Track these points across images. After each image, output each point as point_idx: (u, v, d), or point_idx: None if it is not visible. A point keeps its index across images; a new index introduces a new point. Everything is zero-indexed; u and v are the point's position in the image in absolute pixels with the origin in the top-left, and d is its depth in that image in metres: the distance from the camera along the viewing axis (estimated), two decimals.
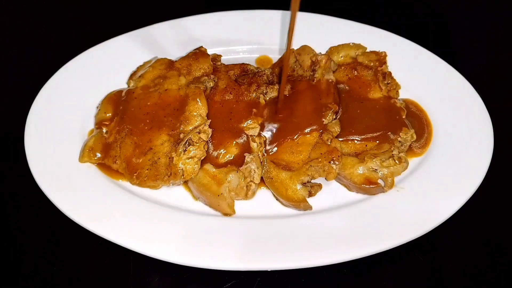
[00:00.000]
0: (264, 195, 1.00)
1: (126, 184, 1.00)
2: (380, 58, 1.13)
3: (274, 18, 1.29)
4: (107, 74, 1.18)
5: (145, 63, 1.18)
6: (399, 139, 1.00)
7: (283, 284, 0.90)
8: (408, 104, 1.12)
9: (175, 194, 1.00)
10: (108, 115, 1.07)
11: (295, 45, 1.19)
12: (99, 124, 1.06)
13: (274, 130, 1.03)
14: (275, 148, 1.01)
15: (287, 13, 1.31)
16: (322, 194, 0.99)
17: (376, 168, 0.98)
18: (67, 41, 1.47)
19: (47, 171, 0.98)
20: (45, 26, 1.51)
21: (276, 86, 1.06)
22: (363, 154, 0.99)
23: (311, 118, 1.02)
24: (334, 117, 1.03)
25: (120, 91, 1.11)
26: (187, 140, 0.96)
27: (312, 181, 0.97)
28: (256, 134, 1.00)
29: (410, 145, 1.03)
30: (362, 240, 0.88)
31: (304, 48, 1.16)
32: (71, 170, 1.00)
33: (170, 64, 1.10)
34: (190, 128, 0.98)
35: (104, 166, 1.01)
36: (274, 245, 0.88)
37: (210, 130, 0.98)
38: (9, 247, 0.97)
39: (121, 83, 1.18)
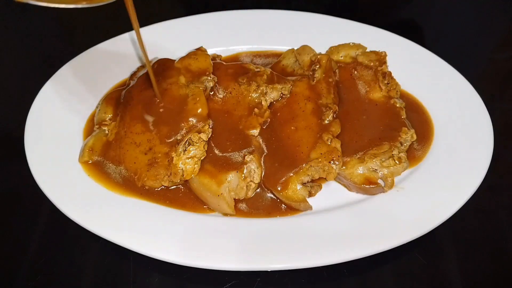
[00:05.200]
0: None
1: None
2: (380, 58, 1.13)
3: (274, 18, 1.30)
4: (107, 74, 1.18)
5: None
6: (399, 139, 1.00)
7: (283, 284, 0.90)
8: (408, 103, 1.12)
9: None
10: (107, 115, 1.07)
11: (296, 45, 1.19)
12: (99, 124, 1.06)
13: (274, 131, 1.03)
14: (275, 148, 1.01)
15: (287, 13, 1.31)
16: (322, 194, 0.99)
17: (376, 168, 0.98)
18: (67, 41, 1.47)
19: (47, 171, 0.98)
20: (45, 26, 1.51)
21: (276, 86, 1.06)
22: (363, 154, 0.99)
23: (311, 118, 1.02)
24: (334, 117, 1.03)
25: (119, 91, 1.11)
26: (187, 140, 0.96)
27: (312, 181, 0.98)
28: (256, 134, 1.00)
29: (411, 145, 1.03)
30: (362, 240, 0.88)
31: (304, 48, 1.16)
32: (71, 170, 1.00)
33: (170, 64, 1.10)
34: (190, 128, 0.98)
35: (98, 169, 1.01)
36: (274, 245, 0.88)
37: (210, 130, 0.98)
38: (9, 247, 0.97)
39: (121, 83, 1.18)
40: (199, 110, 0.99)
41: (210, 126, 0.99)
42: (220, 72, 1.09)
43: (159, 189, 0.98)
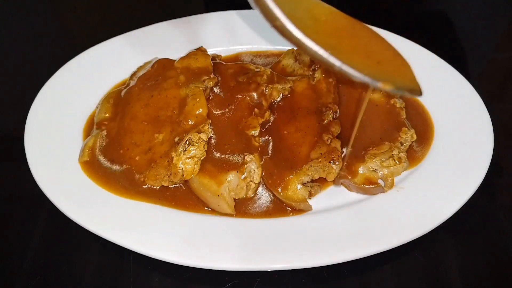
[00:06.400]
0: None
1: None
2: None
3: None
4: (107, 74, 1.18)
5: (145, 63, 1.18)
6: (399, 139, 1.00)
7: (283, 284, 0.90)
8: (408, 103, 1.12)
9: None
10: (107, 115, 1.07)
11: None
12: (99, 124, 1.06)
13: (275, 131, 1.03)
14: (275, 148, 1.01)
15: None
16: (322, 194, 0.99)
17: (376, 168, 0.98)
18: (67, 41, 1.47)
19: (47, 171, 0.98)
20: (45, 26, 1.51)
21: (276, 86, 1.06)
22: (363, 154, 0.99)
23: (311, 118, 1.02)
24: (334, 117, 1.03)
25: (120, 91, 1.11)
26: (187, 140, 0.96)
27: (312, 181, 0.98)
28: (257, 134, 1.00)
29: (411, 145, 1.03)
30: (362, 240, 0.88)
31: None
32: (71, 170, 1.00)
33: (170, 64, 1.10)
34: (190, 128, 0.98)
35: (98, 169, 1.01)
36: (274, 245, 0.88)
37: (210, 130, 0.98)
38: (9, 247, 0.97)
39: (121, 83, 1.18)
40: (199, 110, 0.99)
41: (210, 126, 0.99)
42: (220, 72, 1.09)
43: (158, 187, 0.98)
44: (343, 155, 0.99)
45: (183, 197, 0.97)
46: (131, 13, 1.56)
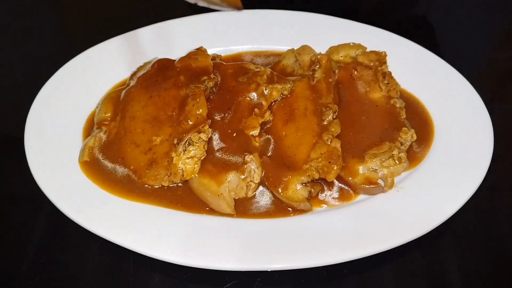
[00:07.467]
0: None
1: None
2: (380, 58, 1.13)
3: (274, 18, 1.30)
4: (107, 74, 1.18)
5: (145, 64, 1.18)
6: (399, 139, 1.00)
7: (283, 284, 0.90)
8: (408, 104, 1.12)
9: None
10: (108, 115, 1.07)
11: (296, 45, 1.19)
12: (99, 124, 1.06)
13: (275, 131, 1.03)
14: (275, 148, 1.01)
15: (287, 13, 1.31)
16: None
17: (376, 168, 0.98)
18: (67, 41, 1.47)
19: (47, 171, 0.98)
20: (45, 26, 1.51)
21: (276, 86, 1.06)
22: (363, 154, 0.99)
23: (311, 118, 1.02)
24: (334, 117, 1.03)
25: (120, 91, 1.11)
26: (187, 140, 0.96)
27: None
28: (257, 134, 1.00)
29: (411, 145, 1.03)
30: (362, 240, 0.88)
31: (304, 48, 1.16)
32: (71, 170, 1.00)
33: (170, 64, 1.10)
34: (190, 128, 0.98)
35: (98, 169, 1.00)
36: (274, 245, 0.88)
37: (210, 130, 0.98)
38: (9, 247, 0.97)
39: (121, 83, 1.18)
40: (199, 110, 0.99)
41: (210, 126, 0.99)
42: (220, 72, 1.09)
43: (158, 187, 0.98)
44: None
45: (183, 197, 0.97)
46: (131, 13, 1.55)
